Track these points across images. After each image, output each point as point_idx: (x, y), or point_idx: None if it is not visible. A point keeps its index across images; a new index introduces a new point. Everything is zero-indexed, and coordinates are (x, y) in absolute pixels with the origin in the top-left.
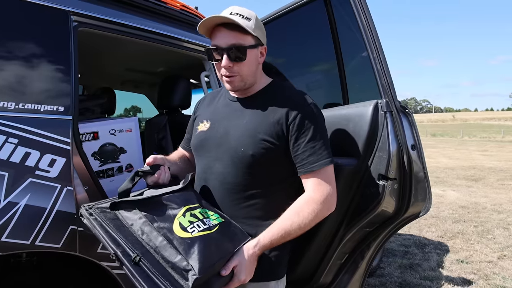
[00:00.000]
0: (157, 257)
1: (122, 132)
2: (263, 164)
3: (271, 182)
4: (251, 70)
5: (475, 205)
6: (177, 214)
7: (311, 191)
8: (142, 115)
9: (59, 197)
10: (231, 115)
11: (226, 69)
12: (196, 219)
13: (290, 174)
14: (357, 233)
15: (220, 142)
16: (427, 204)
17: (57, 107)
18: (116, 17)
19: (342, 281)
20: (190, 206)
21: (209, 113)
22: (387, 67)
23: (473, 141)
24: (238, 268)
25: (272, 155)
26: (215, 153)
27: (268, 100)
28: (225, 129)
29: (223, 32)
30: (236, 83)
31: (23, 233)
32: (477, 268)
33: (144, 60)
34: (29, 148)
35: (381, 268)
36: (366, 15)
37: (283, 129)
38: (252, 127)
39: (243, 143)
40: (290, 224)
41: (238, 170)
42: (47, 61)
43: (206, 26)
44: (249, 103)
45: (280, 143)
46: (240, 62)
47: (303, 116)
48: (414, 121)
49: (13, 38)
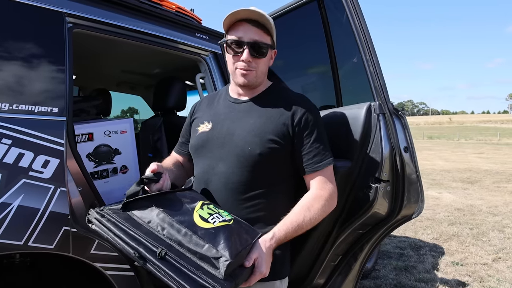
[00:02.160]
0: (183, 250)
1: (117, 133)
2: (268, 163)
3: (273, 182)
4: (265, 68)
5: (471, 207)
6: (195, 207)
7: (318, 188)
8: (139, 116)
9: (53, 198)
10: (235, 116)
11: (245, 63)
12: (214, 212)
13: (291, 175)
14: (350, 235)
15: (224, 142)
16: (420, 206)
17: (51, 108)
18: (111, 19)
19: (335, 283)
20: (204, 202)
21: (209, 115)
22: (380, 69)
23: (469, 144)
24: (259, 260)
25: (278, 154)
26: (218, 153)
27: (272, 102)
28: (229, 129)
29: (248, 27)
30: (251, 78)
31: (16, 234)
32: (472, 271)
33: (139, 62)
34: (22, 149)
35: (376, 270)
36: (359, 17)
37: (288, 130)
38: (259, 127)
39: (250, 143)
40: (302, 219)
41: (243, 170)
42: (42, 63)
43: (232, 18)
44: (254, 104)
45: (286, 143)
46: (259, 59)
47: (308, 118)
48: (406, 123)
49: (7, 39)
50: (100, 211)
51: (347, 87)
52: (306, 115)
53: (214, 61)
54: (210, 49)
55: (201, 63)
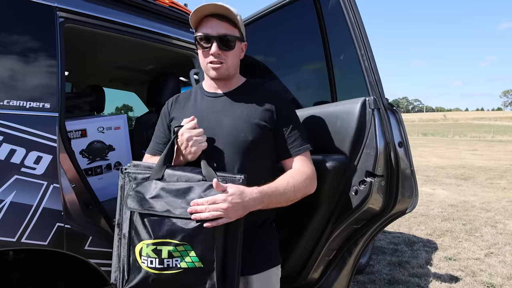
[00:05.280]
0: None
1: (110, 129)
2: (260, 147)
3: (261, 168)
4: (236, 60)
5: (464, 203)
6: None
7: (301, 165)
8: (133, 114)
9: (46, 194)
10: (220, 108)
11: (214, 56)
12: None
13: (272, 164)
14: (345, 230)
15: (215, 133)
16: (414, 201)
17: (43, 104)
18: (104, 14)
19: (330, 278)
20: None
21: (190, 112)
22: (375, 65)
23: (463, 141)
24: (233, 195)
25: (267, 139)
26: (211, 145)
27: (253, 93)
28: (217, 121)
29: (214, 22)
30: (222, 70)
31: (8, 231)
32: (465, 265)
33: (133, 58)
34: (14, 145)
35: (370, 265)
36: (354, 12)
37: (273, 116)
38: (246, 114)
39: (241, 129)
40: (286, 183)
41: (237, 155)
42: (33, 58)
43: (198, 14)
44: (236, 96)
45: (272, 127)
46: (228, 51)
47: (288, 107)
48: (401, 119)
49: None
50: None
51: (342, 82)
52: (286, 105)
53: None
54: None
55: (195, 58)
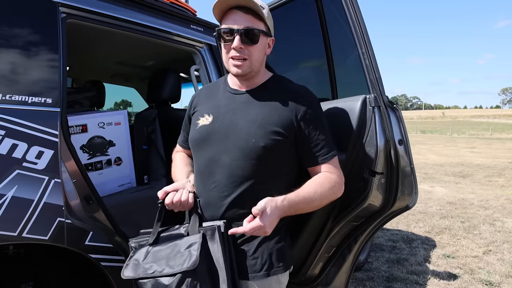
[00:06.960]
0: None
1: (111, 125)
2: (272, 155)
3: (277, 174)
4: (260, 56)
5: (463, 201)
6: None
7: (328, 172)
8: (132, 109)
9: (47, 189)
10: (236, 107)
11: (236, 51)
12: None
13: (293, 167)
14: (344, 227)
15: (227, 134)
16: (413, 198)
17: (45, 99)
18: (106, 9)
19: (329, 274)
20: None
21: (209, 107)
22: (376, 63)
23: (462, 138)
24: (267, 211)
25: (282, 146)
26: (222, 146)
27: (274, 93)
28: (231, 121)
29: (238, 14)
30: (244, 67)
31: (10, 225)
32: (463, 263)
33: (133, 53)
34: (16, 140)
35: (369, 262)
36: (356, 10)
37: (293, 122)
38: (262, 118)
39: (254, 135)
40: (314, 191)
41: (248, 162)
42: (35, 53)
43: (221, 6)
44: (256, 95)
45: (290, 135)
46: (252, 46)
47: (313, 110)
48: (401, 116)
49: (0, 30)
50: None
51: (342, 80)
52: (311, 107)
53: (209, 53)
54: (205, 41)
55: (195, 55)
